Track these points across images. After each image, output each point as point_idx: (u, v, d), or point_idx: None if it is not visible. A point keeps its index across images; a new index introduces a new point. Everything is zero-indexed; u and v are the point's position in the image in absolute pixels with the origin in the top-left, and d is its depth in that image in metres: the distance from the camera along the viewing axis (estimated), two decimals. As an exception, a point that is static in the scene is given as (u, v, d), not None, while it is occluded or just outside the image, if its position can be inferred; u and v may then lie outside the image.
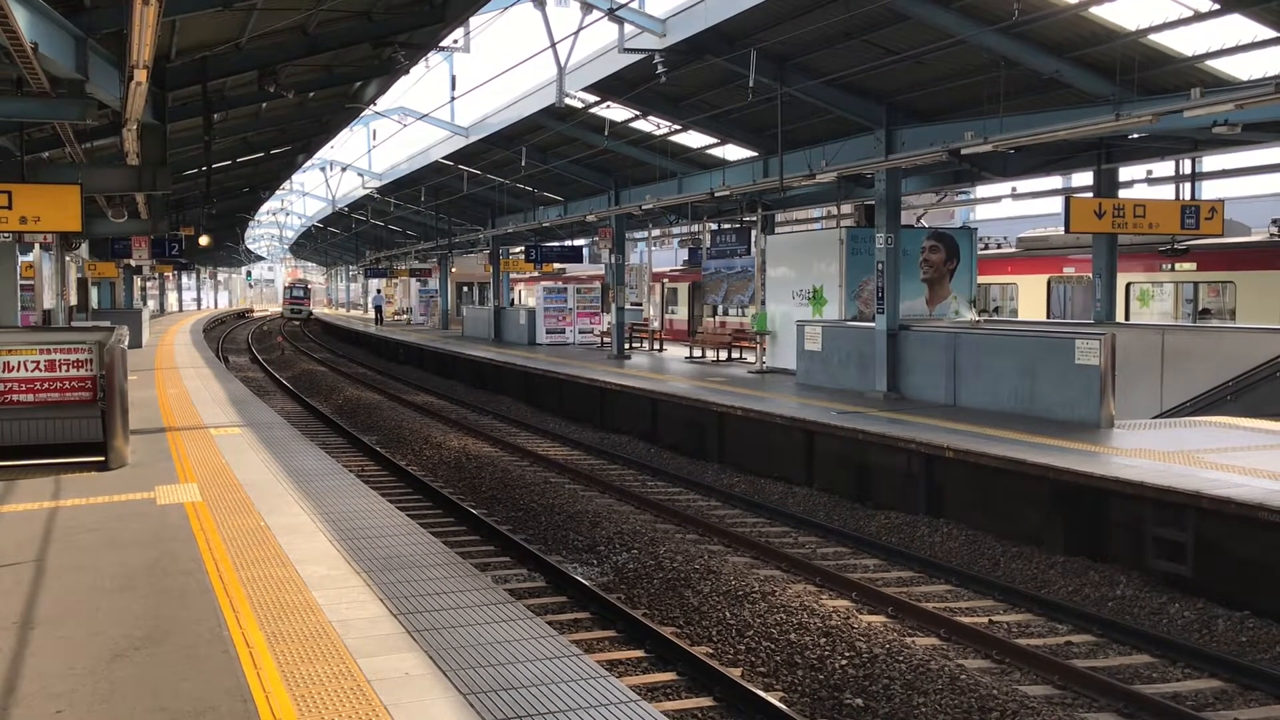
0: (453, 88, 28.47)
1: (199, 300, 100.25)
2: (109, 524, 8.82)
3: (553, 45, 18.99)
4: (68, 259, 27.60)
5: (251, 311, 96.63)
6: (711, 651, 8.71)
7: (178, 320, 60.69)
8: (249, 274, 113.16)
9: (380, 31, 16.07)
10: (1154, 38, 14.53)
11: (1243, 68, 14.77)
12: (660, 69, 17.56)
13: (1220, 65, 14.81)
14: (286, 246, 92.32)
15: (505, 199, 35.96)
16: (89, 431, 11.57)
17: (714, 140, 24.45)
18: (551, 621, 9.15)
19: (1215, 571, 9.95)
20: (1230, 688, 8.11)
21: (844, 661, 8.28)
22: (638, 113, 23.17)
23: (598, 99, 22.60)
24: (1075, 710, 7.64)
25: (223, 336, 53.18)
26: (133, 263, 34.27)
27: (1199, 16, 13.68)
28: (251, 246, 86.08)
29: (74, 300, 32.94)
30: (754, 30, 16.71)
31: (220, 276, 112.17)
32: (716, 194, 22.78)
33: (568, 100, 20.82)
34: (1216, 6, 13.36)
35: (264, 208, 56.10)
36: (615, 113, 23.81)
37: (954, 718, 7.32)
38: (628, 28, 17.92)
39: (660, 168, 25.84)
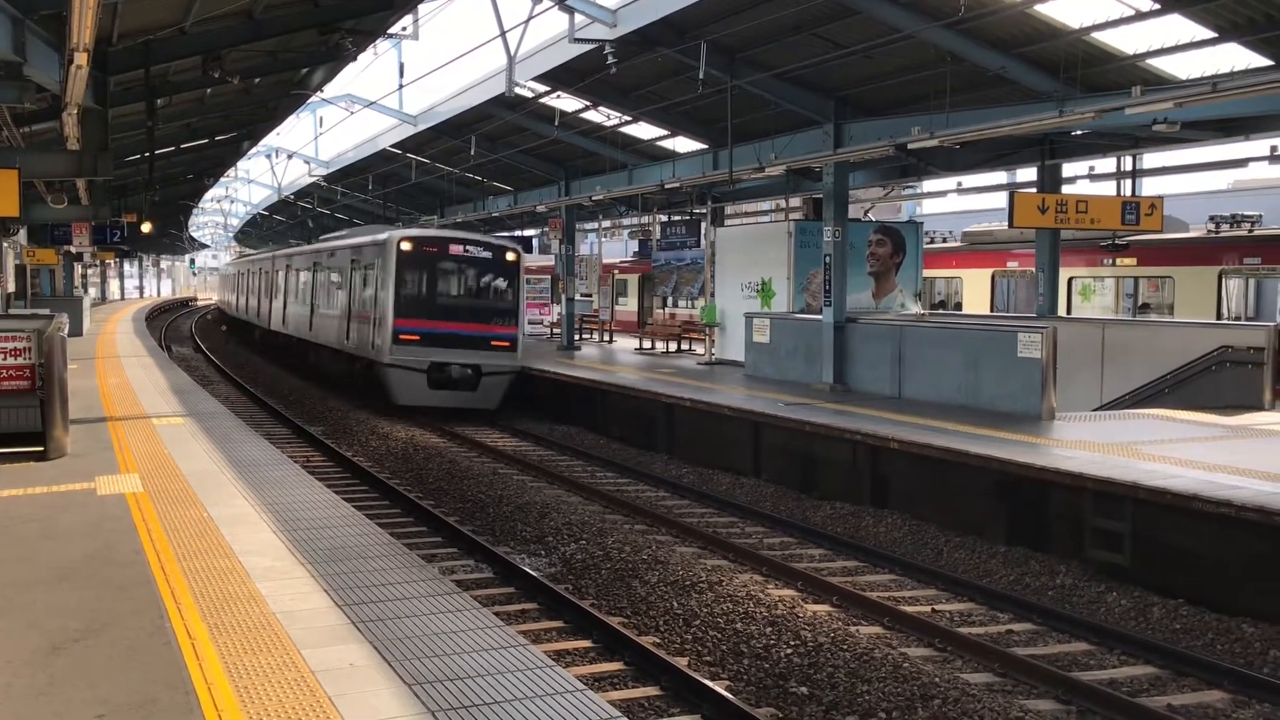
0: (401, 75, 28.23)
1: (141, 288, 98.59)
2: (47, 515, 8.67)
3: (502, 34, 18.88)
4: (5, 245, 27.03)
5: (195, 300, 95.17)
6: (659, 641, 8.74)
7: (120, 308, 59.64)
8: (193, 262, 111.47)
9: (327, 17, 15.89)
10: (1096, 36, 14.76)
11: (1182, 67, 15.06)
12: (611, 60, 17.54)
13: (1160, 64, 15.09)
14: (231, 234, 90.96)
15: (454, 188, 35.74)
16: (27, 421, 11.35)
17: (664, 132, 24.46)
18: (499, 612, 9.15)
19: (1151, 561, 10.16)
20: (1164, 674, 8.29)
21: (789, 650, 8.35)
22: (588, 103, 23.12)
23: (548, 89, 22.51)
24: (1015, 697, 7.77)
25: (166, 325, 52.35)
26: (73, 249, 33.62)
27: (1140, 16, 13.92)
28: (195, 234, 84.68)
29: (12, 287, 32.27)
30: (704, 22, 16.75)
31: (164, 264, 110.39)
32: (666, 186, 22.80)
33: (517, 90, 20.71)
34: (1157, 6, 13.60)
35: (208, 195, 55.27)
36: (566, 103, 23.73)
37: (896, 705, 7.41)
38: (578, 17, 17.87)
39: (611, 159, 25.82)
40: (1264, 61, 13.91)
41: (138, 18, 14.24)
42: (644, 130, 24.94)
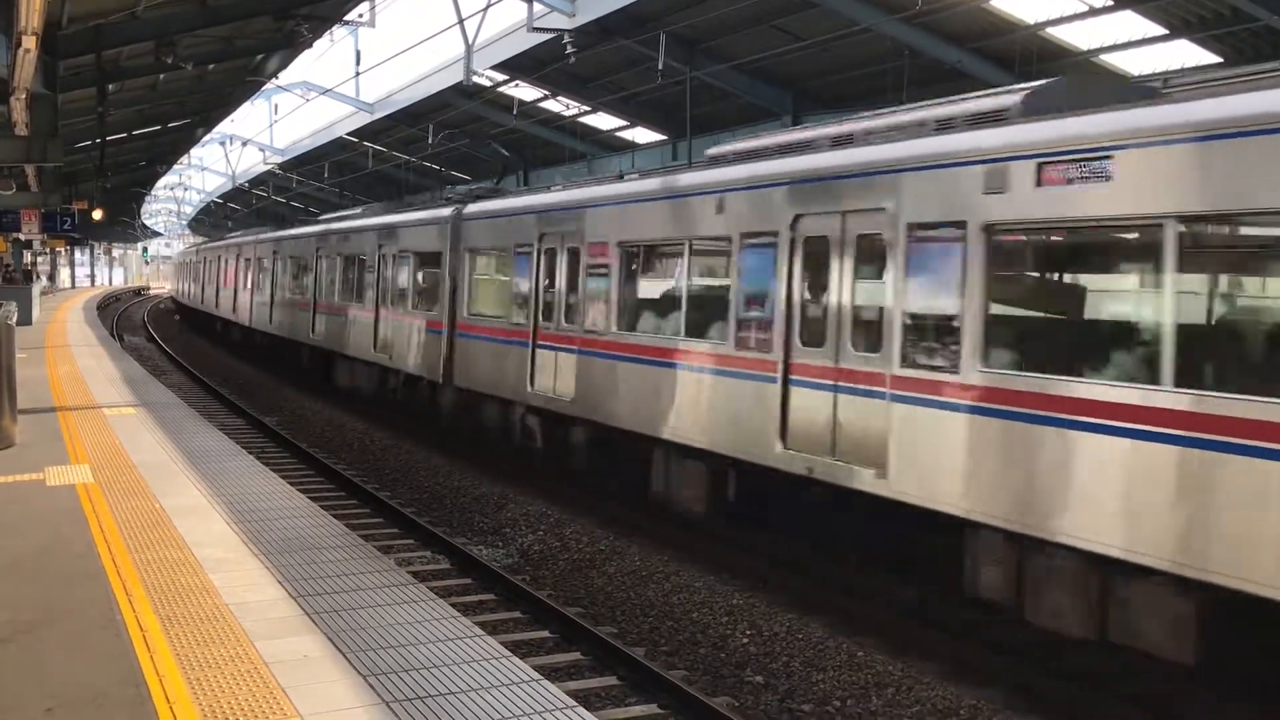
0: (357, 62, 27.98)
1: (93, 277, 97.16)
2: (-5, 506, 8.54)
3: (460, 22, 18.80)
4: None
5: (148, 289, 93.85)
6: (616, 631, 8.76)
7: (70, 297, 58.74)
8: (145, 250, 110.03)
9: (282, 3, 15.73)
10: (1052, 31, 14.94)
11: (1135, 63, 15.27)
12: (570, 49, 17.51)
13: (1114, 59, 15.30)
14: (184, 222, 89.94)
15: (412, 177, 35.55)
16: (-26, 411, 11.16)
17: (624, 123, 24.47)
18: (455, 603, 9.10)
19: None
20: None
21: (745, 640, 8.40)
22: (547, 93, 23.09)
23: (506, 78, 22.46)
24: (964, 685, 7.84)
25: (117, 314, 51.65)
26: (22, 236, 33.06)
27: (1094, 11, 14.10)
28: (148, 222, 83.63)
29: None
30: (663, 12, 16.77)
31: (115, 252, 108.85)
32: (625, 176, 22.81)
33: (476, 78, 20.65)
34: (1110, 2, 13.78)
35: (161, 182, 54.63)
36: (524, 92, 23.69)
37: (851, 693, 7.48)
38: (537, 6, 17.83)
39: (570, 149, 25.79)
40: (1214, 58, 14.13)
41: (88, 1, 14.02)
42: (603, 120, 24.93)
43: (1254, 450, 5.98)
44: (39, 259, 53.44)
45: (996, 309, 7.58)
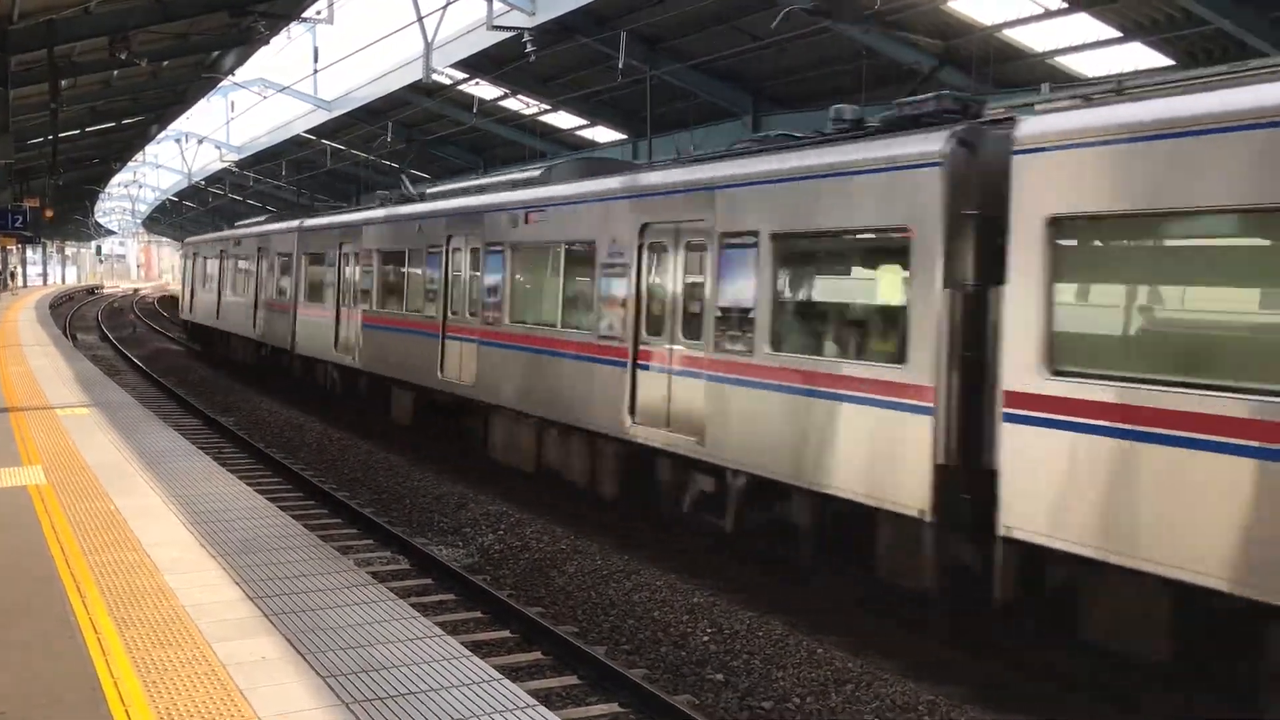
0: (315, 60, 27.73)
1: (45, 275, 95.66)
2: (-56, 509, 8.39)
3: (419, 19, 18.71)
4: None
5: (101, 288, 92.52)
6: (577, 630, 8.76)
7: (21, 296, 57.76)
8: (99, 249, 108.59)
9: (239, -1, 15.59)
10: (1008, 33, 15.10)
11: (1089, 65, 15.48)
12: (530, 47, 17.47)
13: (1069, 62, 15.49)
14: (139, 221, 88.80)
15: (371, 175, 35.33)
16: (-78, 412, 10.96)
17: (584, 122, 24.46)
18: (415, 604, 9.07)
19: None
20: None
21: (706, 638, 8.42)
22: (507, 91, 23.02)
23: (466, 75, 22.39)
24: (923, 681, 7.92)
25: (70, 313, 50.86)
26: (-29, 235, 32.54)
27: (1049, 14, 14.27)
28: (102, 220, 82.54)
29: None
30: (624, 11, 16.77)
31: (69, 251, 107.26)
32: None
33: (435, 76, 20.55)
34: (1065, 5, 13.95)
35: (115, 180, 53.89)
36: (484, 90, 23.62)
37: (811, 690, 7.52)
38: (497, 4, 17.78)
39: (530, 147, 25.74)
40: (1167, 61, 14.34)
41: (40, -5, 13.82)
42: (563, 119, 24.90)
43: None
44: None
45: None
